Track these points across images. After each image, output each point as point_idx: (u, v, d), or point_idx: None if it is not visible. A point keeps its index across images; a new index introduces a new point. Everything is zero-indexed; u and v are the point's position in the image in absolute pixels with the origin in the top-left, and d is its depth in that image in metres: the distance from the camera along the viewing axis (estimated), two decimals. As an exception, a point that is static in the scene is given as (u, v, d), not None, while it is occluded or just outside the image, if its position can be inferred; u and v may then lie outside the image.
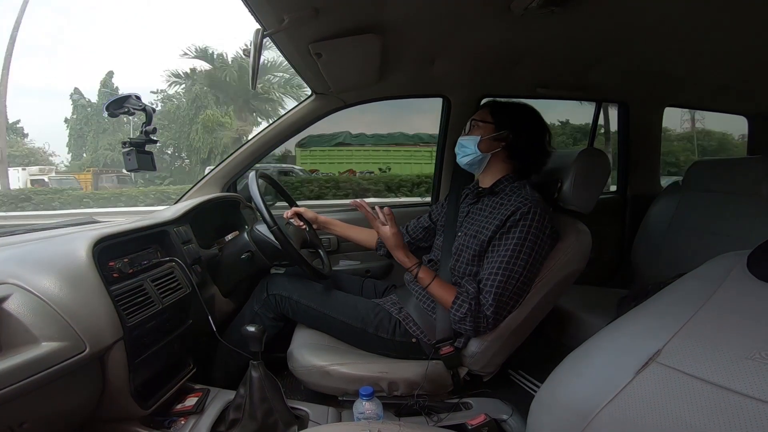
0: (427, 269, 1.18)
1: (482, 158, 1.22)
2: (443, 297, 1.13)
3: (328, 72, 1.38)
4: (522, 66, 1.54)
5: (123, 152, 1.16)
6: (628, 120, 2.11)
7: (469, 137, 1.24)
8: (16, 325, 0.73)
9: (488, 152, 1.22)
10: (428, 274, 1.16)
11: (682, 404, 0.47)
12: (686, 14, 1.10)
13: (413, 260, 1.19)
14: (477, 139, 1.21)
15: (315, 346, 1.22)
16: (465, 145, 1.24)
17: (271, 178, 1.47)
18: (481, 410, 1.09)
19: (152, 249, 1.14)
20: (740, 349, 0.48)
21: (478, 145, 1.21)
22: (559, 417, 0.62)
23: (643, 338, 0.58)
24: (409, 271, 1.18)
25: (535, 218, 1.07)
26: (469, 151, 1.23)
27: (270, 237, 1.24)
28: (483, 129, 1.23)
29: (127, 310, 0.91)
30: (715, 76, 1.75)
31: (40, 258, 0.87)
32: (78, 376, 0.79)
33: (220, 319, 1.29)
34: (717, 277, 0.62)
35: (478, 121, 1.24)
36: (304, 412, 1.07)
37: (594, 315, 1.52)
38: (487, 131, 1.22)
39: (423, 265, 1.19)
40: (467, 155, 1.24)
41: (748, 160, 1.69)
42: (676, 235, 1.74)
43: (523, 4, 1.00)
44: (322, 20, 1.02)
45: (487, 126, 1.22)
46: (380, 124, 15.19)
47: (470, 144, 1.22)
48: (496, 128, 1.21)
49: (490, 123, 1.22)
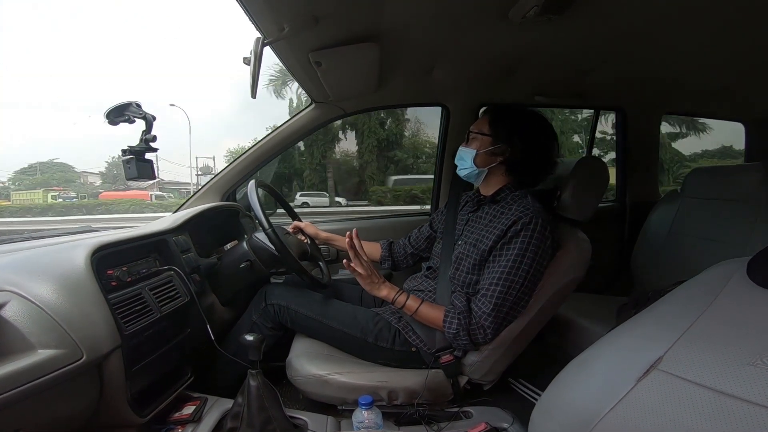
0: (413, 296, 1.18)
1: (479, 173, 1.21)
2: (434, 319, 1.14)
3: (328, 80, 1.39)
4: (520, 74, 1.55)
5: (123, 160, 1.16)
6: (626, 127, 2.12)
7: (467, 150, 1.22)
8: (13, 332, 0.73)
9: (485, 167, 1.20)
10: (414, 300, 1.16)
11: (684, 411, 0.47)
12: (683, 21, 1.11)
13: (393, 289, 1.18)
14: (473, 152, 1.20)
15: (314, 355, 1.21)
16: (463, 158, 1.23)
17: (271, 188, 1.47)
18: (481, 419, 1.08)
19: (151, 258, 1.14)
20: (741, 355, 0.48)
21: (474, 160, 1.20)
22: (560, 425, 0.61)
23: (644, 345, 0.58)
24: (394, 302, 1.17)
25: (536, 229, 1.07)
26: (467, 165, 1.22)
27: (268, 244, 1.24)
28: (480, 141, 1.20)
29: (125, 318, 0.91)
30: (712, 83, 1.77)
31: (39, 265, 0.86)
32: (75, 383, 0.79)
33: (219, 328, 1.28)
34: (717, 284, 0.62)
35: (476, 132, 1.22)
36: (303, 421, 1.06)
37: (594, 323, 1.51)
38: (484, 144, 1.19)
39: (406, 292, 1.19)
40: (465, 168, 1.23)
41: (746, 167, 1.69)
42: (675, 242, 1.74)
43: (521, 12, 1.01)
44: (321, 29, 1.03)
45: (484, 139, 1.20)
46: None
47: (467, 157, 1.21)
48: (494, 141, 1.18)
49: (488, 135, 1.19)
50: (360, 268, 1.16)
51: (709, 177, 1.77)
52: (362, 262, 1.17)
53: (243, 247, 1.31)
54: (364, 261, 1.17)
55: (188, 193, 8.84)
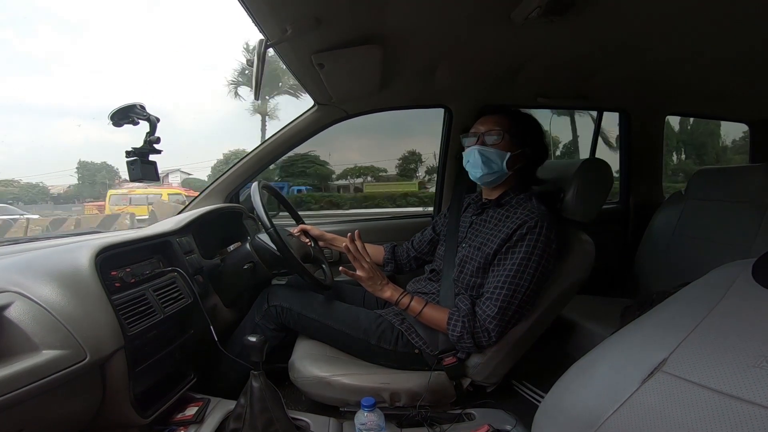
0: (417, 297, 1.18)
1: (506, 175, 1.19)
2: (438, 321, 1.13)
3: (330, 82, 1.39)
4: (523, 75, 1.55)
5: (127, 162, 1.16)
6: (630, 128, 2.12)
7: (495, 151, 1.16)
8: (17, 333, 0.73)
9: (512, 169, 1.18)
10: (418, 301, 1.16)
11: (688, 413, 0.46)
12: (686, 22, 1.11)
13: (397, 291, 1.18)
14: (505, 155, 1.15)
15: (316, 357, 1.21)
16: (491, 159, 1.16)
17: (275, 190, 1.48)
18: (484, 421, 1.08)
19: (154, 259, 1.14)
20: (746, 357, 0.48)
21: (507, 163, 1.15)
22: (564, 427, 0.61)
23: (649, 347, 0.58)
24: (398, 304, 1.16)
25: (542, 232, 1.07)
26: (497, 168, 1.16)
27: (270, 245, 1.24)
28: (509, 144, 1.16)
29: (129, 319, 0.91)
30: (716, 83, 1.76)
31: (43, 266, 0.87)
32: (78, 384, 0.79)
33: (222, 329, 1.28)
34: (722, 286, 0.62)
35: (505, 131, 1.16)
36: (305, 422, 1.06)
37: (598, 325, 1.51)
38: (514, 146, 1.17)
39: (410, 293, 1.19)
40: (493, 172, 1.17)
41: (750, 169, 1.68)
42: (679, 243, 1.74)
43: (524, 13, 1.01)
44: (324, 31, 1.03)
45: (512, 141, 1.16)
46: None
47: (497, 159, 1.16)
48: (520, 143, 1.17)
49: (516, 136, 1.17)
50: (361, 271, 1.16)
51: (713, 178, 1.77)
52: (363, 264, 1.16)
53: (246, 248, 1.31)
54: (366, 262, 1.16)
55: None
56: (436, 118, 1.94)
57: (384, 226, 2.00)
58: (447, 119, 1.88)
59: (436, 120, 1.94)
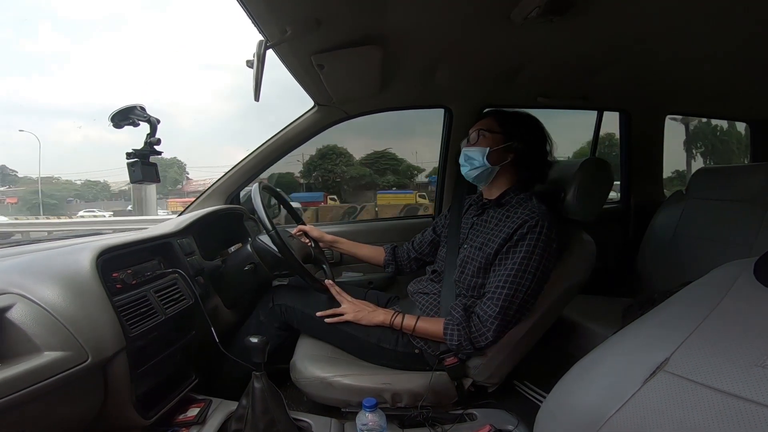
0: (408, 315, 1.19)
1: (491, 171, 1.20)
2: (434, 332, 1.14)
3: (330, 83, 1.39)
4: (523, 75, 1.55)
5: (128, 163, 1.16)
6: (630, 128, 2.12)
7: (476, 148, 1.20)
8: (19, 335, 0.73)
9: (497, 164, 1.19)
10: (410, 318, 1.17)
11: (691, 412, 0.46)
12: (686, 21, 1.11)
13: (389, 313, 1.20)
14: (485, 150, 1.18)
15: (318, 358, 1.22)
16: (472, 157, 1.20)
17: (276, 191, 1.48)
18: (485, 421, 1.08)
19: (156, 260, 1.14)
20: (749, 356, 0.48)
21: (487, 157, 1.18)
22: (566, 427, 0.61)
23: (651, 347, 0.58)
24: (392, 325, 1.19)
25: (543, 231, 1.07)
26: (478, 164, 1.19)
27: (271, 246, 1.24)
28: (491, 140, 1.19)
29: (130, 320, 0.91)
30: (716, 83, 1.76)
31: (44, 268, 0.87)
32: (80, 385, 0.79)
33: (223, 330, 1.28)
34: (723, 285, 0.61)
35: (485, 131, 1.21)
36: (307, 423, 1.06)
37: (600, 324, 1.50)
38: (496, 142, 1.19)
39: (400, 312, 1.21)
40: (475, 168, 1.20)
41: (751, 168, 1.69)
42: (680, 243, 1.73)
43: (523, 13, 1.01)
44: (324, 32, 1.03)
45: (495, 136, 1.19)
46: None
47: (478, 156, 1.19)
48: (505, 139, 1.18)
49: (498, 133, 1.19)
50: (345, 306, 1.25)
51: (714, 178, 1.76)
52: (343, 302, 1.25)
53: (247, 249, 1.32)
54: (346, 300, 1.25)
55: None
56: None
57: (385, 227, 2.00)
58: (447, 119, 1.88)
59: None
